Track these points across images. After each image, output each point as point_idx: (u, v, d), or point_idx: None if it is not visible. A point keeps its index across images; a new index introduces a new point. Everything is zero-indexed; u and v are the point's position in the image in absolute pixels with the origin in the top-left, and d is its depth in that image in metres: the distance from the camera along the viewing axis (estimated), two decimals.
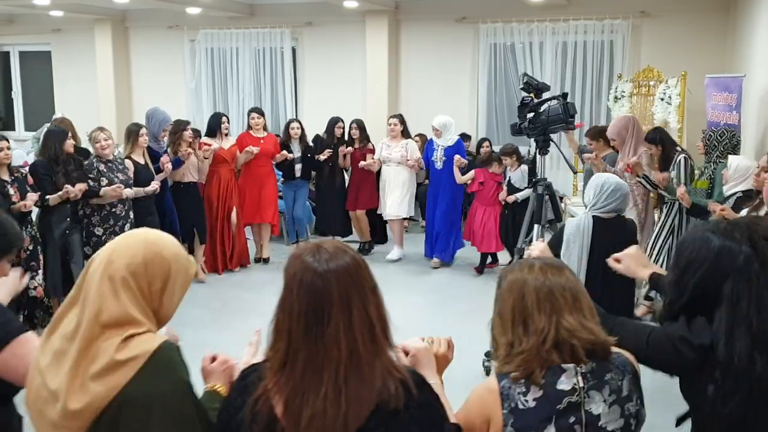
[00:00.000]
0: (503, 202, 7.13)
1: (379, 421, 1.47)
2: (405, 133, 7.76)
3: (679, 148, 5.74)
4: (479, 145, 8.31)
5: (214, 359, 1.85)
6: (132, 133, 6.08)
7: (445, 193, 7.52)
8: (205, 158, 6.81)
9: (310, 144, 7.85)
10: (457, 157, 7.35)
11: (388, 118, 7.88)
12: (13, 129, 11.75)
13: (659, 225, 5.69)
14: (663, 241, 5.58)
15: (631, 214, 5.17)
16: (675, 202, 5.42)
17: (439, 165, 7.48)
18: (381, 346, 1.51)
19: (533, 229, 4.90)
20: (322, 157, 7.63)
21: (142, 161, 6.08)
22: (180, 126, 6.65)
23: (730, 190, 4.63)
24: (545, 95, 4.92)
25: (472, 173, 7.40)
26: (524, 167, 7.11)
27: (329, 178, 7.85)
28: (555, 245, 3.83)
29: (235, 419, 1.53)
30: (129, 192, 5.68)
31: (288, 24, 10.10)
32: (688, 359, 1.87)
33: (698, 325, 1.88)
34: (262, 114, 7.60)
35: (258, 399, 1.49)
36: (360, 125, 7.87)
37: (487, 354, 4.65)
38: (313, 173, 8.00)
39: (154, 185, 6.00)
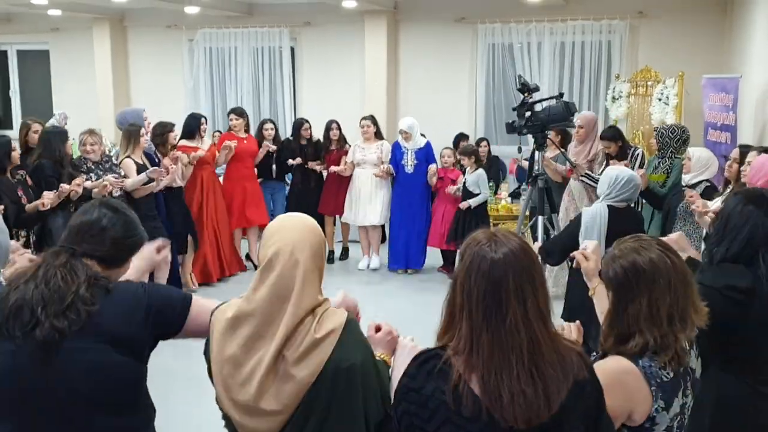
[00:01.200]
0: (456, 193, 7.19)
1: (576, 393, 1.59)
2: (378, 135, 7.69)
3: (632, 145, 6.21)
4: (477, 144, 8.33)
5: (378, 329, 2.04)
6: (132, 135, 6.06)
7: (416, 197, 7.44)
8: (191, 164, 6.72)
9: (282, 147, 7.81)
10: (432, 168, 7.34)
11: (360, 120, 7.80)
12: (11, 128, 11.73)
13: None
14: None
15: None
16: None
17: (409, 169, 7.40)
18: (553, 331, 1.63)
19: (538, 222, 5.24)
20: (291, 162, 7.61)
21: (140, 161, 6.06)
22: (166, 128, 6.54)
23: (694, 180, 4.82)
24: (536, 95, 5.20)
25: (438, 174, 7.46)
26: (481, 171, 7.14)
27: (303, 182, 7.74)
28: (572, 234, 4.16)
29: (428, 406, 1.59)
30: (111, 178, 5.53)
31: (286, 24, 10.12)
32: (737, 301, 2.40)
33: (740, 272, 2.45)
34: (240, 115, 7.54)
35: (458, 384, 1.56)
36: (339, 126, 7.78)
37: None
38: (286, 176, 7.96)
39: (145, 176, 5.81)
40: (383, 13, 9.46)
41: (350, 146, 7.78)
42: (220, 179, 7.44)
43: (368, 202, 7.52)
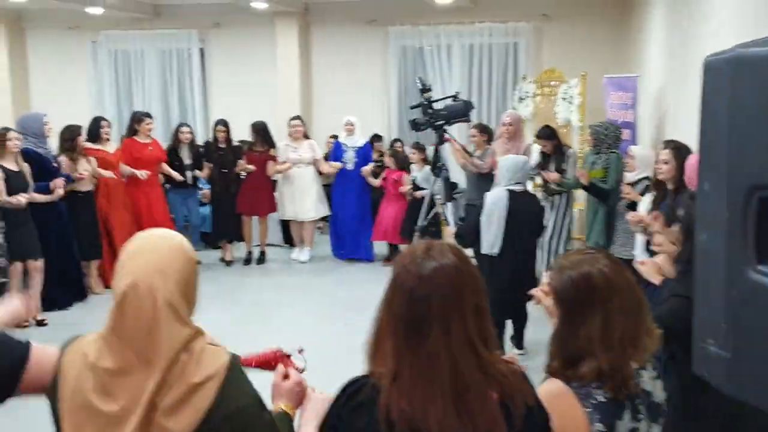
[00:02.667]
0: (409, 197, 7.40)
1: (508, 419, 1.43)
2: (306, 134, 7.84)
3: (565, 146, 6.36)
4: (391, 145, 8.42)
5: (286, 377, 1.75)
6: None
7: (355, 192, 7.75)
8: (100, 176, 6.52)
9: (200, 150, 7.70)
10: (366, 169, 7.70)
11: (290, 120, 7.83)
12: None
13: (553, 218, 6.16)
14: (557, 232, 6.15)
15: None
16: (563, 196, 6.12)
17: (350, 166, 7.70)
18: (484, 360, 1.44)
19: (447, 208, 5.75)
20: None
21: (14, 167, 5.63)
22: (74, 132, 6.29)
23: (637, 176, 4.99)
24: (433, 95, 5.84)
25: (382, 176, 7.78)
26: (428, 168, 7.30)
27: (222, 187, 7.61)
28: (477, 217, 4.57)
29: None
30: (19, 202, 5.32)
31: (195, 25, 9.91)
32: None
33: None
34: (152, 118, 7.39)
35: (387, 416, 1.40)
36: (258, 129, 7.65)
37: None
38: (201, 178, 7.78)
39: (21, 199, 5.51)
40: (294, 15, 9.41)
41: (275, 148, 7.73)
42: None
43: (307, 198, 7.71)
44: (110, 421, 1.46)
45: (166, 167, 7.28)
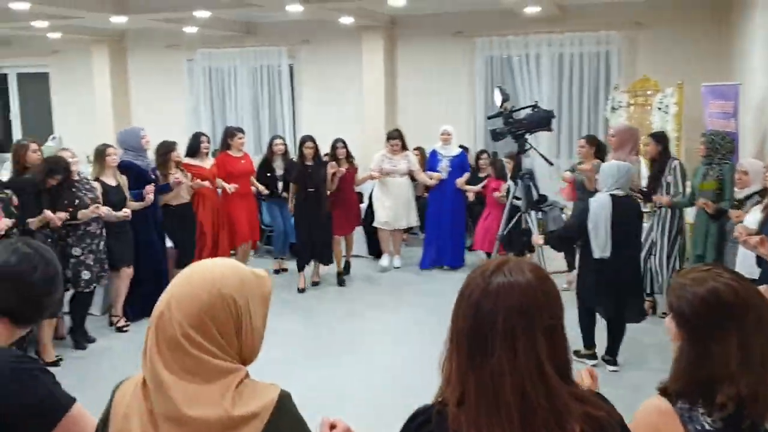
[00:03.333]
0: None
1: None
2: (404, 146, 7.90)
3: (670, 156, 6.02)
4: (477, 156, 8.32)
5: (333, 426, 1.61)
6: (99, 154, 5.98)
7: (450, 202, 7.76)
8: (193, 186, 6.72)
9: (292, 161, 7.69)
10: (460, 180, 7.74)
11: (389, 138, 7.84)
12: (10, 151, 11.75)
13: (655, 229, 5.90)
14: (664, 249, 5.84)
15: None
16: (666, 210, 5.80)
17: (444, 175, 7.74)
18: (555, 387, 1.33)
19: (531, 216, 5.83)
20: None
21: (112, 182, 5.95)
22: (168, 148, 6.56)
23: (747, 192, 4.81)
24: (509, 105, 5.91)
25: (478, 186, 7.82)
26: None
27: (313, 205, 7.08)
28: (582, 222, 4.75)
29: None
30: (104, 210, 5.59)
31: (285, 42, 10.16)
32: None
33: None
34: (244, 133, 7.60)
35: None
36: (345, 144, 7.50)
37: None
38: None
39: (126, 212, 5.85)
40: (380, 29, 9.49)
41: (354, 164, 7.68)
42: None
43: (401, 207, 7.80)
44: None
45: (253, 180, 7.47)
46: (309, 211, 7.07)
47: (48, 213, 5.14)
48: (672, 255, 5.82)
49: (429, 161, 7.98)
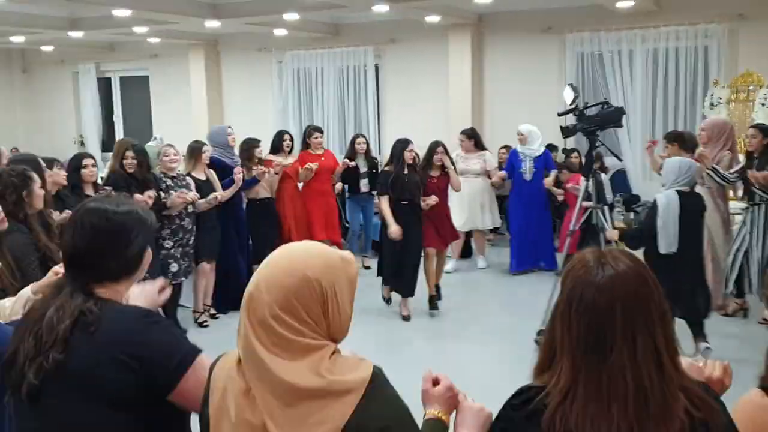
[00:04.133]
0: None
1: None
2: (479, 146, 7.76)
3: None
4: (568, 155, 8.11)
5: (436, 382, 1.63)
6: (195, 151, 6.15)
7: (536, 203, 7.53)
8: (276, 173, 6.91)
9: (375, 160, 7.86)
10: (548, 180, 7.48)
11: (461, 135, 7.80)
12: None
13: (748, 225, 5.65)
14: (751, 238, 5.61)
15: (713, 217, 5.64)
16: (760, 206, 5.55)
17: (528, 176, 7.49)
18: (671, 378, 1.35)
19: (603, 212, 5.66)
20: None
21: (203, 177, 6.15)
22: (251, 144, 6.75)
23: None
24: (580, 102, 5.80)
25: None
26: (604, 176, 6.95)
27: (407, 219, 6.11)
28: (652, 218, 4.79)
29: None
30: (193, 195, 5.75)
31: (371, 42, 10.23)
32: None
33: None
34: (322, 132, 7.68)
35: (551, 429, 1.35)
36: (446, 148, 6.63)
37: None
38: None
39: (214, 194, 6.00)
40: (467, 26, 9.41)
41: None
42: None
43: (479, 208, 7.68)
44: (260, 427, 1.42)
45: (341, 164, 7.55)
46: (401, 225, 6.07)
47: (137, 196, 5.26)
48: (753, 255, 5.55)
49: (510, 161, 7.78)
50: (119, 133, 12.59)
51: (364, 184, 7.75)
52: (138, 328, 1.68)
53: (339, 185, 7.76)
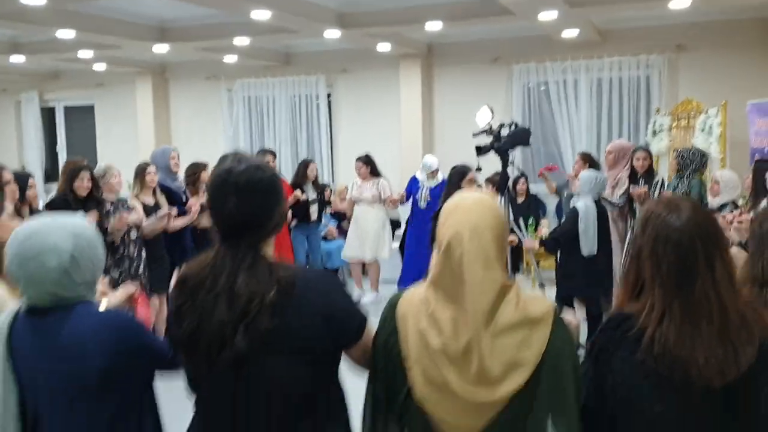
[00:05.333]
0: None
1: (763, 355, 1.62)
2: (375, 173, 7.71)
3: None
4: (515, 181, 8.21)
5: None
6: (139, 172, 5.83)
7: (427, 231, 7.48)
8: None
9: (324, 187, 7.83)
10: None
11: (355, 161, 7.75)
12: (57, 181, 12.04)
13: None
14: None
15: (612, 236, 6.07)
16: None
17: (422, 204, 7.50)
18: (739, 292, 1.68)
19: (519, 225, 6.23)
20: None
21: (151, 201, 5.80)
22: (197, 168, 6.44)
23: (720, 202, 4.98)
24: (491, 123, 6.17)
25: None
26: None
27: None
28: (574, 224, 5.32)
29: (623, 367, 1.66)
30: (135, 217, 5.37)
31: (323, 71, 10.27)
32: None
33: None
34: (275, 155, 7.45)
35: (652, 348, 1.61)
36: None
37: None
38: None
39: (165, 212, 5.64)
40: (417, 57, 9.53)
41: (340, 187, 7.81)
42: None
43: (372, 238, 7.55)
44: (456, 356, 1.65)
45: (292, 196, 7.29)
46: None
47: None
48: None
49: (408, 187, 7.76)
50: (62, 165, 12.22)
51: (313, 211, 7.61)
52: (327, 291, 1.79)
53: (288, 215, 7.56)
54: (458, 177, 6.18)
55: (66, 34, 7.55)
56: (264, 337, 1.67)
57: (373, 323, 1.87)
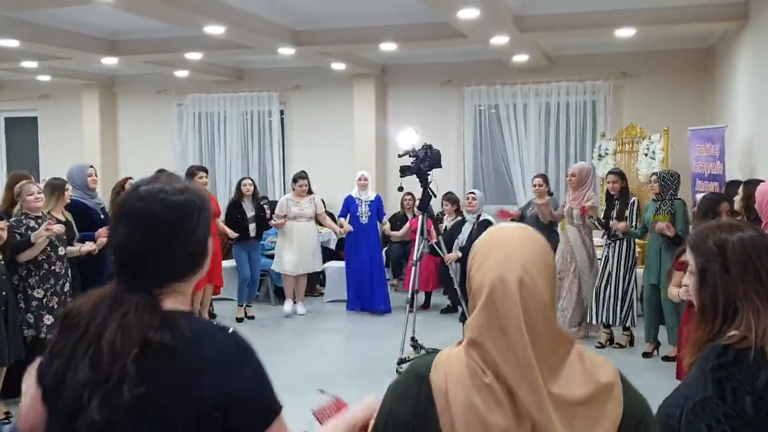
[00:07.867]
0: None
1: None
2: (309, 191, 7.88)
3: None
4: (466, 197, 8.31)
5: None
6: (57, 189, 5.41)
7: (371, 245, 7.95)
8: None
9: (262, 204, 7.80)
10: (385, 226, 8.32)
11: (294, 180, 7.79)
12: None
13: (611, 260, 6.24)
14: (616, 273, 6.21)
15: (580, 253, 6.37)
16: (621, 241, 6.16)
17: (364, 219, 7.89)
18: None
19: (440, 243, 6.44)
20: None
21: (61, 218, 5.37)
22: (123, 186, 6.23)
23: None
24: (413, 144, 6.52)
25: (406, 227, 8.45)
26: (459, 218, 7.79)
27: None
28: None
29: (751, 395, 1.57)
30: (59, 227, 4.98)
31: (276, 88, 10.24)
32: None
33: None
34: (207, 172, 7.22)
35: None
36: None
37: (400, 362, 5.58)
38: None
39: (91, 245, 5.35)
40: (371, 76, 9.60)
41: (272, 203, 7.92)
42: None
43: (309, 253, 7.78)
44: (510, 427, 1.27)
45: (219, 223, 7.20)
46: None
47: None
48: (629, 288, 6.15)
49: (345, 206, 7.98)
50: (2, 177, 11.85)
51: (252, 229, 7.55)
52: (231, 364, 1.37)
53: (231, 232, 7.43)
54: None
55: (9, 42, 7.34)
56: (126, 408, 1.31)
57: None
